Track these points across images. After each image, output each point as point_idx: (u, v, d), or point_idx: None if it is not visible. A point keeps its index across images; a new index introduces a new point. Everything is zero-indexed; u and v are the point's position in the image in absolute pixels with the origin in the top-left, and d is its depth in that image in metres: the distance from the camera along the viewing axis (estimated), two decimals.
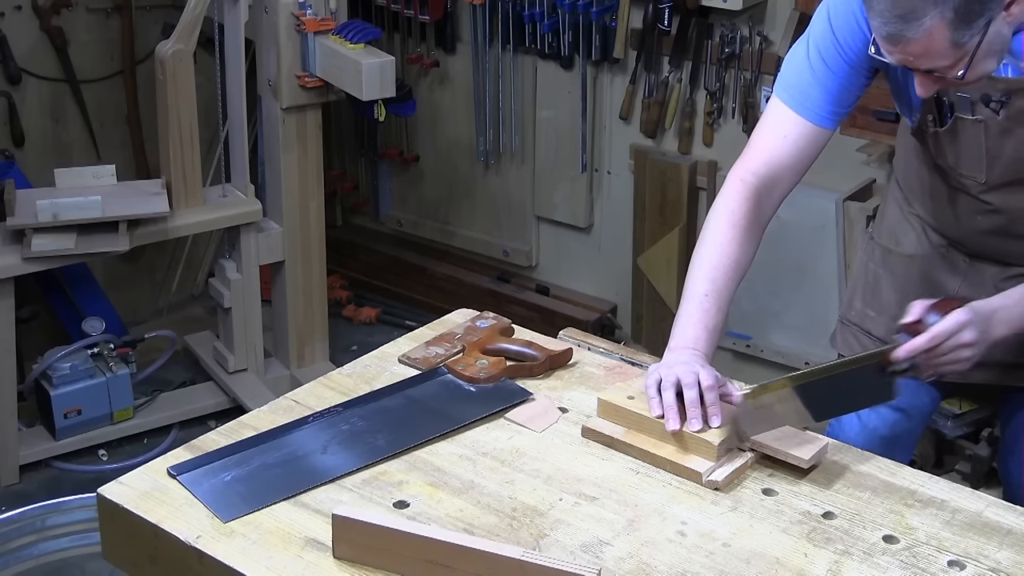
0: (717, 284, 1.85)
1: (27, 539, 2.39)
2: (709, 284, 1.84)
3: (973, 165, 1.90)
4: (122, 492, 1.66)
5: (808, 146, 1.92)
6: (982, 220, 1.97)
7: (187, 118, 3.40)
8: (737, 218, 1.89)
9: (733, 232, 1.88)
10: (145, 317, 4.21)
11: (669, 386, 1.74)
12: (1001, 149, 1.86)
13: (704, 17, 3.60)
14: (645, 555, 1.54)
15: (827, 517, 1.61)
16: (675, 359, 1.79)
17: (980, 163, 1.89)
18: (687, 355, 1.79)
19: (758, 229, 1.92)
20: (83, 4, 3.90)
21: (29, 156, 3.86)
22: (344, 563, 1.52)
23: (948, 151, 1.92)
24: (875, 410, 2.14)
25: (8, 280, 3.27)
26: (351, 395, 1.87)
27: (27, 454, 3.47)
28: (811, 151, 1.93)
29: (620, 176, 3.96)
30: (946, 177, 1.98)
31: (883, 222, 2.20)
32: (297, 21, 3.46)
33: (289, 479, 1.68)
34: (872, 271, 2.19)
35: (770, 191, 1.93)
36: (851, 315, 2.21)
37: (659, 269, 3.85)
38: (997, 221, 1.96)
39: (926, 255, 2.10)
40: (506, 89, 4.03)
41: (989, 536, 1.58)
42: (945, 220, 2.05)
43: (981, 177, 1.90)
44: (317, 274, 3.80)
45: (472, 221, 4.35)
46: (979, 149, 1.87)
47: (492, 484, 1.67)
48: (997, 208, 1.94)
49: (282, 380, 3.74)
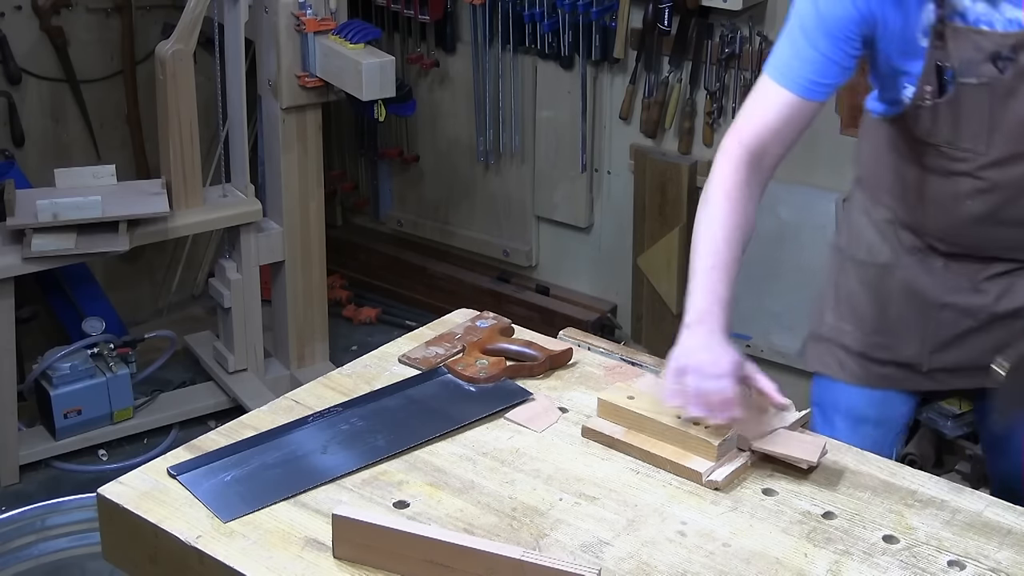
0: (722, 256, 1.85)
1: (27, 539, 2.39)
2: (713, 257, 1.84)
3: (975, 137, 1.86)
4: (122, 492, 1.66)
5: (792, 117, 1.91)
6: (973, 204, 1.93)
7: (187, 118, 3.40)
8: (729, 187, 1.90)
9: (728, 203, 1.89)
10: (145, 317, 4.21)
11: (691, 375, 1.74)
12: (1005, 114, 1.83)
13: (704, 17, 3.60)
14: (645, 555, 1.54)
15: (827, 517, 1.61)
16: (695, 343, 1.77)
17: (982, 133, 1.85)
18: (704, 335, 1.77)
19: (752, 196, 1.93)
20: (83, 4, 3.90)
21: (29, 156, 3.86)
22: (344, 563, 1.52)
23: (945, 126, 1.88)
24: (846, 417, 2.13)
25: (8, 280, 3.27)
26: (351, 395, 1.87)
27: (27, 454, 3.47)
28: (796, 122, 1.92)
29: (620, 176, 3.96)
30: (934, 161, 1.93)
31: (849, 232, 2.15)
32: (297, 21, 3.46)
33: (289, 479, 1.68)
34: (844, 284, 2.15)
35: (759, 160, 1.93)
36: (823, 330, 2.17)
37: (659, 269, 3.85)
38: (991, 202, 1.91)
39: (901, 261, 2.07)
40: (506, 89, 4.03)
41: (989, 536, 1.58)
42: (926, 213, 2.00)
43: (983, 149, 1.87)
44: (317, 274, 3.80)
45: (472, 221, 4.35)
46: (982, 117, 1.84)
47: (492, 484, 1.67)
48: (993, 185, 1.89)
49: (282, 380, 3.74)
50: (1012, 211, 1.91)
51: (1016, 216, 1.92)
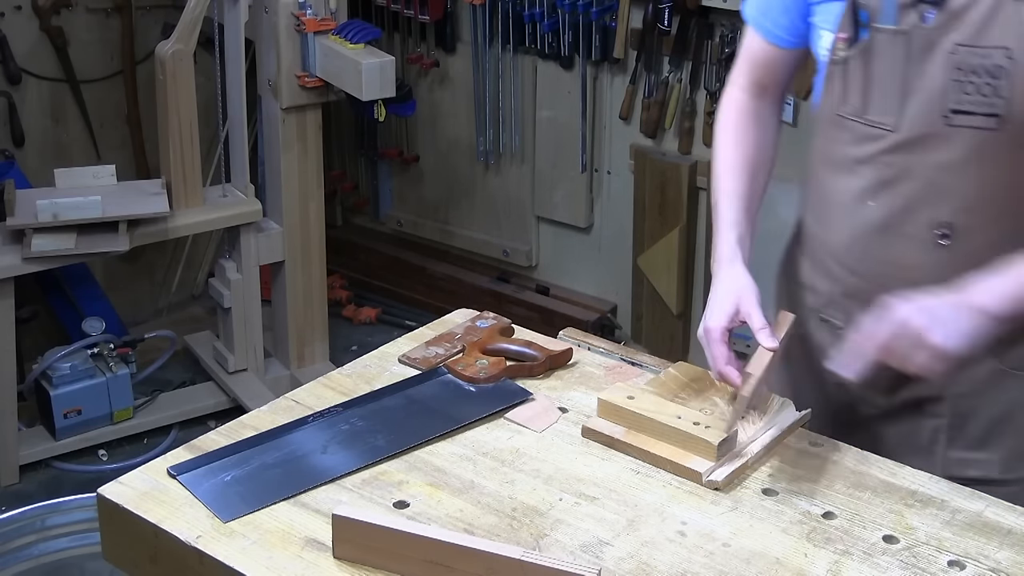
0: (738, 184, 1.86)
1: (27, 539, 2.39)
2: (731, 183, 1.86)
3: (886, 104, 1.67)
4: (122, 492, 1.66)
5: (774, 61, 1.91)
6: (876, 207, 1.72)
7: (187, 118, 3.40)
8: (733, 120, 1.92)
9: (737, 134, 1.90)
10: (145, 317, 4.21)
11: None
12: (921, 77, 1.64)
13: (704, 17, 3.60)
14: (645, 555, 1.54)
15: (827, 517, 1.61)
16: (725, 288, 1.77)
17: (894, 100, 1.66)
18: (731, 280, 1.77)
19: (762, 124, 1.93)
20: (83, 4, 3.90)
21: (29, 156, 3.86)
22: (344, 563, 1.52)
23: (855, 88, 1.70)
24: None
25: (8, 280, 3.27)
26: (351, 395, 1.87)
27: (27, 454, 3.48)
28: (782, 65, 1.91)
29: (620, 176, 3.96)
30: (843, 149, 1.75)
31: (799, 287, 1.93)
32: (297, 21, 3.47)
33: (289, 479, 1.68)
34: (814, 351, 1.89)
35: (760, 92, 1.94)
36: None
37: (659, 269, 3.85)
38: (895, 203, 1.71)
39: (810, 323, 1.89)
40: (506, 89, 4.03)
41: (989, 536, 1.58)
42: (831, 225, 1.82)
43: (892, 123, 1.67)
44: (317, 274, 3.80)
45: (472, 221, 4.35)
46: (895, 77, 1.65)
47: (492, 484, 1.67)
48: (899, 174, 1.69)
49: (282, 380, 3.74)
50: (916, 219, 1.70)
51: (918, 229, 1.71)
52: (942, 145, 1.65)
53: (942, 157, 1.66)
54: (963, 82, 1.61)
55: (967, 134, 1.64)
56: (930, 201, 1.69)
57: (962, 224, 1.68)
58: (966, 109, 1.62)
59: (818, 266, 1.87)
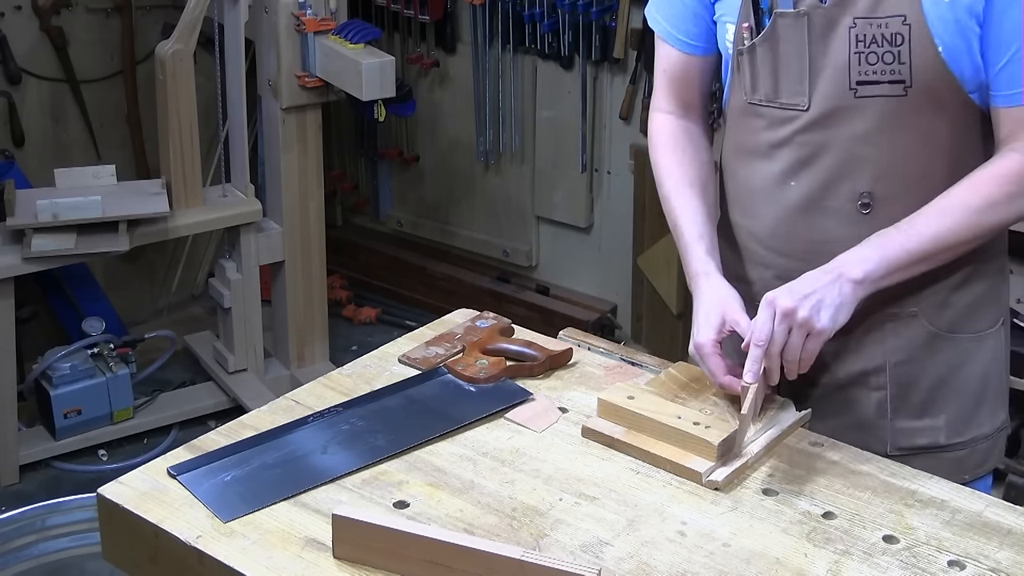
0: (691, 199, 1.88)
1: (27, 539, 2.39)
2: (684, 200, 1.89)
3: (796, 86, 1.71)
4: (122, 492, 1.66)
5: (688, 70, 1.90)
6: (797, 186, 1.76)
7: (187, 118, 3.40)
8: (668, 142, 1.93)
9: (676, 155, 1.92)
10: (145, 317, 4.22)
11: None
12: (826, 55, 1.68)
13: None
14: (645, 555, 1.54)
15: (827, 517, 1.61)
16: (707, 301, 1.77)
17: (803, 79, 1.71)
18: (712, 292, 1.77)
19: (695, 143, 1.93)
20: (83, 4, 3.91)
21: (29, 156, 3.86)
22: (344, 563, 1.52)
23: (765, 74, 1.74)
24: None
25: (8, 280, 3.27)
26: (351, 395, 1.87)
27: (27, 454, 3.48)
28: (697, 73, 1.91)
29: (620, 176, 3.96)
30: (760, 136, 1.79)
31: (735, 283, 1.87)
32: (297, 21, 3.47)
33: (289, 479, 1.67)
34: None
35: (686, 114, 1.94)
36: None
37: (659, 269, 3.85)
38: (815, 180, 1.74)
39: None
40: (506, 89, 4.03)
41: (989, 536, 1.58)
42: (756, 212, 1.85)
43: (803, 103, 1.71)
44: (317, 274, 3.80)
45: (472, 221, 4.35)
46: (801, 58, 1.70)
47: (492, 484, 1.67)
48: (817, 151, 1.73)
49: (282, 380, 3.74)
50: (837, 193, 1.74)
51: (840, 202, 1.75)
52: (854, 117, 1.71)
53: (856, 129, 1.71)
54: (866, 53, 1.68)
55: (876, 103, 1.69)
56: (848, 173, 1.73)
57: (881, 193, 1.74)
58: (872, 79, 1.69)
59: (748, 257, 1.90)
